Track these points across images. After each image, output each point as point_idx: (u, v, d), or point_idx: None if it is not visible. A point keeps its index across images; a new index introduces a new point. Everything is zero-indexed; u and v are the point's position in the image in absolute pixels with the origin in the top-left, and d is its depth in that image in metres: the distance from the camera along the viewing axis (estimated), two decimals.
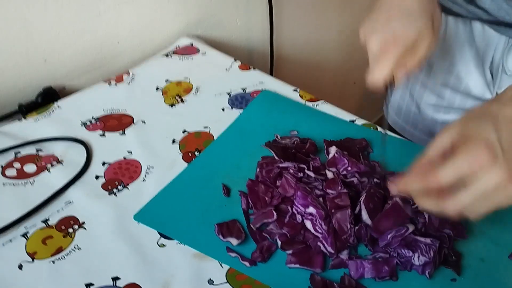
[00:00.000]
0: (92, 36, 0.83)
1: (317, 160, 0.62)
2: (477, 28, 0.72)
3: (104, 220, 0.58)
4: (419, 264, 0.52)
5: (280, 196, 0.58)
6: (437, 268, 0.53)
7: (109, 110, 0.75)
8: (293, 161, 0.61)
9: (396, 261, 0.53)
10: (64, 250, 0.55)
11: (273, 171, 0.60)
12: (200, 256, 0.55)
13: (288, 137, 0.68)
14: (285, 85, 0.82)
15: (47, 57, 0.79)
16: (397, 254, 0.53)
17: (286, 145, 0.66)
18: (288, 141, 0.67)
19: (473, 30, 0.72)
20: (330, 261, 0.54)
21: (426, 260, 0.52)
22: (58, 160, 0.66)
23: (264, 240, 0.55)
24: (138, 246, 0.55)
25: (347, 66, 1.45)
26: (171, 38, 0.95)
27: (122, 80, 0.82)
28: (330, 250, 0.53)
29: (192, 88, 0.81)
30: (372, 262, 0.52)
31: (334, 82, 1.47)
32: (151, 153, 0.68)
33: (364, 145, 0.67)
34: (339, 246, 0.53)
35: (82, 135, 0.70)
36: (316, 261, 0.53)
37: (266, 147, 0.64)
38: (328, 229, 0.54)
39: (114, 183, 0.63)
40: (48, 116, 0.73)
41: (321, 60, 1.36)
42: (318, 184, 0.58)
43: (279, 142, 0.67)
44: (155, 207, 0.59)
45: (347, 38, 1.38)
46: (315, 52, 1.33)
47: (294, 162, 0.61)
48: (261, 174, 0.61)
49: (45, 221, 0.58)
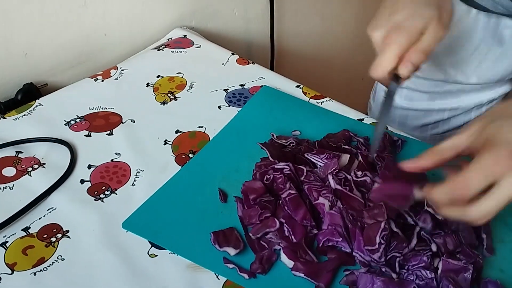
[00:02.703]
0: (77, 28, 0.83)
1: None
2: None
3: (90, 228, 0.58)
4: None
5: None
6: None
7: (96, 108, 0.75)
8: (293, 162, 0.61)
9: (414, 286, 0.52)
10: (46, 261, 0.55)
11: (268, 173, 0.61)
12: (194, 267, 0.55)
13: (284, 137, 0.68)
14: (287, 81, 0.82)
15: (28, 51, 0.79)
16: (416, 277, 0.52)
17: (283, 145, 0.66)
18: (284, 141, 0.67)
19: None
20: (338, 278, 0.53)
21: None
22: (40, 163, 0.66)
23: (264, 250, 0.55)
24: (127, 256, 0.55)
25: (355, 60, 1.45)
26: (163, 30, 0.95)
27: (109, 75, 0.82)
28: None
29: (185, 84, 0.81)
30: (383, 280, 0.51)
31: (340, 77, 1.47)
32: (141, 155, 0.68)
33: (348, 136, 0.69)
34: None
35: (66, 136, 0.70)
36: (324, 276, 0.53)
37: (262, 147, 0.65)
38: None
39: (100, 188, 0.63)
40: (29, 115, 0.73)
41: (327, 54, 1.37)
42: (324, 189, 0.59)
43: (275, 142, 0.67)
44: (146, 214, 0.59)
45: (354, 29, 1.38)
46: (320, 45, 1.33)
47: (291, 163, 0.61)
48: (255, 177, 0.62)
49: (25, 229, 0.58)
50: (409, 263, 0.53)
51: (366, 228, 0.54)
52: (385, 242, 0.53)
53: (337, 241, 0.55)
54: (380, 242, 0.53)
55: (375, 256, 0.52)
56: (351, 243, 0.55)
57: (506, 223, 0.60)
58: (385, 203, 0.55)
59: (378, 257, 0.52)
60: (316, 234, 0.56)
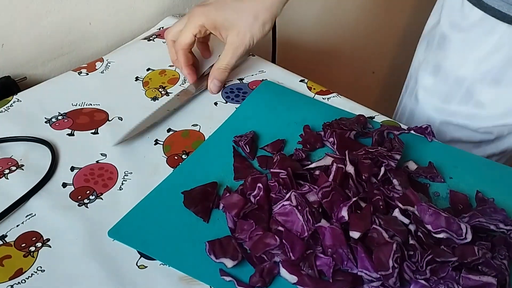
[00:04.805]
0: (59, 16, 0.83)
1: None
2: None
3: (73, 236, 0.58)
4: None
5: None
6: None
7: (79, 105, 0.75)
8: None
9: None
10: (24, 272, 0.54)
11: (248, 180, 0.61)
12: (187, 280, 0.54)
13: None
14: (290, 75, 0.82)
15: (4, 41, 0.79)
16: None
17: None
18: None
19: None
20: None
21: None
22: (18, 165, 0.66)
23: (263, 262, 0.55)
24: (114, 268, 0.55)
25: (364, 52, 1.45)
26: (153, 18, 0.95)
27: (94, 68, 0.82)
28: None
29: (178, 78, 0.81)
30: None
31: (349, 71, 1.47)
32: (129, 157, 0.68)
33: (363, 121, 0.71)
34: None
35: (46, 135, 0.70)
36: None
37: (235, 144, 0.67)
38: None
39: (84, 192, 0.63)
40: (5, 112, 0.73)
41: (333, 45, 1.37)
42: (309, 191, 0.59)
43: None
44: (134, 221, 0.59)
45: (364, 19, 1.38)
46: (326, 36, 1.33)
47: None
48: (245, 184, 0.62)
49: (1, 237, 0.58)
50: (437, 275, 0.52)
51: (375, 250, 0.54)
52: (399, 265, 0.52)
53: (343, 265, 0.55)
54: (393, 266, 0.52)
55: (390, 282, 0.52)
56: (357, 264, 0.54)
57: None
58: None
59: (393, 282, 0.52)
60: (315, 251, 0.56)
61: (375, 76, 1.55)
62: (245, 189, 0.61)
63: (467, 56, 0.81)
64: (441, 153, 0.69)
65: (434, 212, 0.56)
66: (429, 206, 0.57)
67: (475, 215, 0.58)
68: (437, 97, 0.86)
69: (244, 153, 0.67)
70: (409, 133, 0.71)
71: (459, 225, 0.56)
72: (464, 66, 0.81)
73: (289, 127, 0.71)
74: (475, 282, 0.52)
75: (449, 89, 0.84)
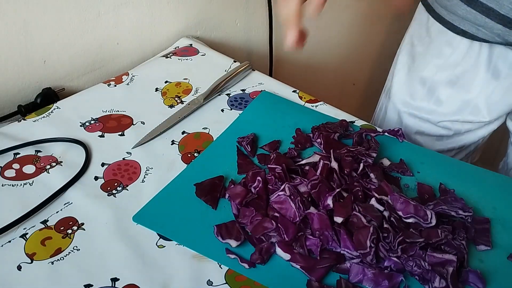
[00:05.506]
0: (92, 37, 0.83)
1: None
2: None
3: (103, 221, 0.58)
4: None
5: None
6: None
7: (109, 111, 0.75)
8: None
9: (401, 278, 0.51)
10: (63, 251, 0.55)
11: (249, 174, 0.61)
12: (199, 257, 0.55)
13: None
14: (284, 86, 0.82)
15: (47, 58, 0.79)
16: (415, 264, 0.52)
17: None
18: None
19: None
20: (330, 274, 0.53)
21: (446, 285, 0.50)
22: (57, 161, 0.66)
23: (262, 243, 0.55)
24: (137, 247, 0.55)
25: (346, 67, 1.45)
26: (170, 39, 0.95)
27: (121, 81, 0.82)
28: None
29: (191, 89, 0.81)
30: (374, 272, 0.51)
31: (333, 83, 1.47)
32: (150, 155, 0.68)
33: (345, 125, 0.71)
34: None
35: (81, 136, 0.70)
36: (318, 271, 0.52)
37: (238, 144, 0.66)
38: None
39: (113, 184, 0.63)
40: (47, 117, 0.73)
41: (321, 61, 1.36)
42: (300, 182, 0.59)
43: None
44: (154, 209, 0.59)
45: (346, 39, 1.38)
46: (315, 53, 1.33)
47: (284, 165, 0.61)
48: (246, 178, 0.61)
49: (44, 222, 0.58)
50: (407, 253, 0.53)
51: (355, 233, 0.54)
52: (375, 245, 0.52)
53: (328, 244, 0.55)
54: (370, 246, 0.52)
55: (367, 259, 0.52)
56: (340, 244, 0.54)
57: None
58: None
59: (370, 259, 0.52)
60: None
61: (356, 87, 1.55)
62: (247, 182, 0.61)
63: (430, 61, 0.81)
64: (410, 151, 0.69)
65: (404, 201, 0.56)
66: (400, 195, 0.57)
67: (438, 204, 0.58)
68: (405, 93, 0.86)
69: (246, 151, 0.67)
70: (384, 135, 0.71)
71: (425, 212, 0.56)
72: (427, 69, 0.82)
73: (283, 130, 0.71)
74: (438, 259, 0.52)
75: (415, 87, 0.84)
